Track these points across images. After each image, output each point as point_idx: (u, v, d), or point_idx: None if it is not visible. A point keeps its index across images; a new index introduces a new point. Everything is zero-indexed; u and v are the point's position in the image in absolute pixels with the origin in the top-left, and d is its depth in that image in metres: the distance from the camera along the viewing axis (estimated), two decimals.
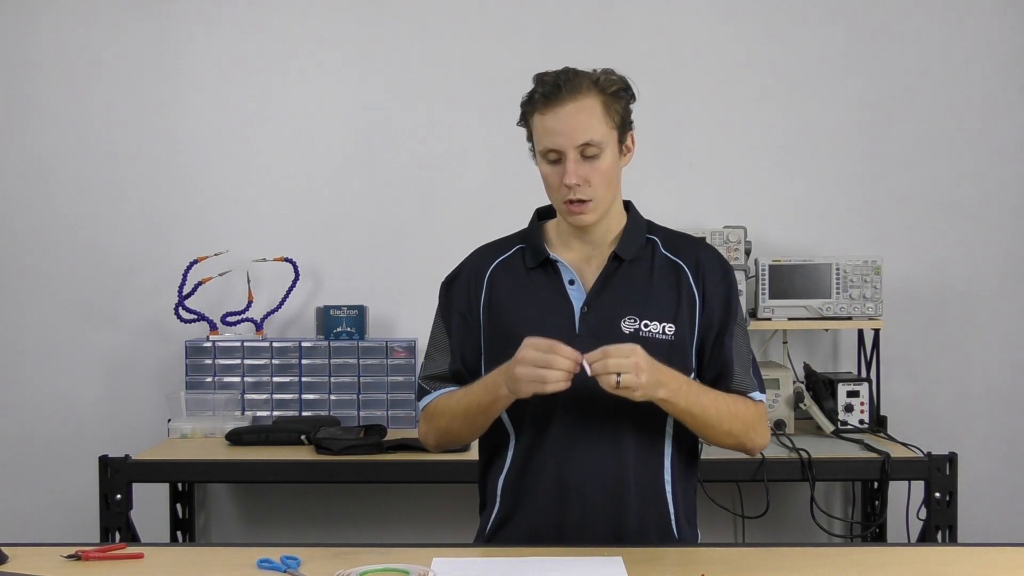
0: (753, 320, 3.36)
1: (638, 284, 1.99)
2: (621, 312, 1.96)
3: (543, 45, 3.57)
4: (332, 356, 3.44)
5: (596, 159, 1.91)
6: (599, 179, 1.93)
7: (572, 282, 1.99)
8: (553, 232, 2.06)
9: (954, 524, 2.95)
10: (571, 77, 1.91)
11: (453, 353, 2.04)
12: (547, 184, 1.96)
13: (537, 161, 1.97)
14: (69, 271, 3.64)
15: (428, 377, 2.07)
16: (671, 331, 1.96)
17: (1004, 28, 3.60)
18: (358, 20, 3.63)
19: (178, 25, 3.63)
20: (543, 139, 1.92)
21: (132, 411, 3.61)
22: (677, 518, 1.99)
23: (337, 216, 3.64)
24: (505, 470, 2.00)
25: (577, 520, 1.94)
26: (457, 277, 2.08)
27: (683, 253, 2.04)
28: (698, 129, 3.63)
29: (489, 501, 2.04)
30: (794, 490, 3.50)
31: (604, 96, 1.92)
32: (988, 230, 3.62)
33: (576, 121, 1.89)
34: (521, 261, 2.04)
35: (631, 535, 1.94)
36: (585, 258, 2.02)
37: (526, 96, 1.95)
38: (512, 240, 2.09)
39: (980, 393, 3.62)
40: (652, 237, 2.06)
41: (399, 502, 3.61)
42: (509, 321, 1.98)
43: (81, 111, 3.63)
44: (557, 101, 1.89)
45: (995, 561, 1.86)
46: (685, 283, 2.00)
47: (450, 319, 2.06)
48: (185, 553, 2.08)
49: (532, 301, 1.98)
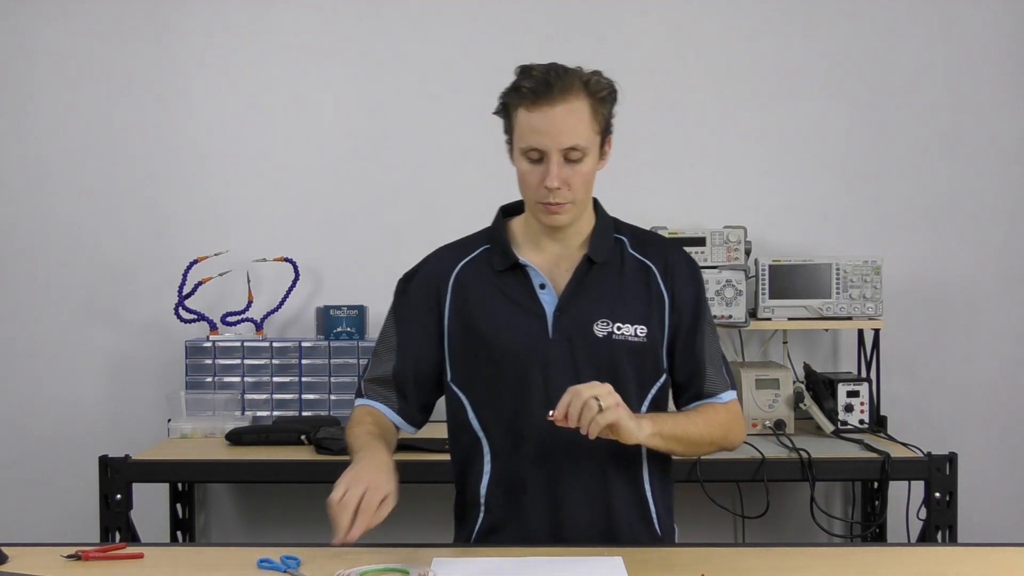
0: (753, 320, 3.36)
1: (609, 286, 1.97)
2: (594, 315, 1.94)
3: (543, 45, 3.54)
4: (332, 356, 3.44)
5: (579, 163, 1.88)
6: (580, 182, 1.90)
7: (543, 286, 1.96)
8: (520, 231, 2.02)
9: (954, 524, 2.95)
10: (562, 75, 1.86)
11: (401, 354, 2.00)
12: (524, 182, 1.92)
13: (514, 156, 1.93)
14: (69, 271, 3.64)
15: (369, 380, 2.03)
16: (643, 333, 1.95)
17: (1004, 28, 3.60)
18: (358, 20, 3.63)
19: (178, 25, 3.63)
20: (527, 137, 1.87)
21: (132, 411, 3.61)
22: (658, 515, 2.00)
23: (337, 216, 3.64)
24: (486, 477, 1.97)
25: (567, 524, 1.94)
26: (415, 276, 2.04)
27: (651, 253, 2.02)
28: (698, 129, 3.63)
29: (470, 508, 2.01)
30: (794, 490, 3.50)
31: (593, 99, 1.89)
32: (988, 230, 3.62)
33: (565, 123, 1.85)
34: (488, 263, 2.00)
35: (617, 535, 1.95)
36: (555, 260, 1.98)
37: (510, 87, 1.91)
38: (477, 240, 2.05)
39: (980, 393, 3.63)
40: (620, 236, 2.03)
41: (399, 502, 3.60)
42: (480, 326, 1.95)
43: (81, 111, 3.63)
44: (547, 100, 1.85)
45: (995, 561, 1.86)
46: (654, 284, 1.99)
47: (403, 319, 2.01)
48: (185, 553, 2.08)
49: (503, 305, 1.95)
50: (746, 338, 3.57)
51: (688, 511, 3.46)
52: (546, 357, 1.92)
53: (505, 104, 1.92)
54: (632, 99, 3.55)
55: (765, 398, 3.25)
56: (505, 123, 1.95)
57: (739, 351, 3.56)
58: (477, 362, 1.95)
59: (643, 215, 3.51)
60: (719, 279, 3.32)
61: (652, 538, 1.99)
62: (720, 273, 3.33)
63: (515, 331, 1.92)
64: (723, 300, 3.31)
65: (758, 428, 3.25)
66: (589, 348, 1.92)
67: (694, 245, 3.36)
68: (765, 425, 3.24)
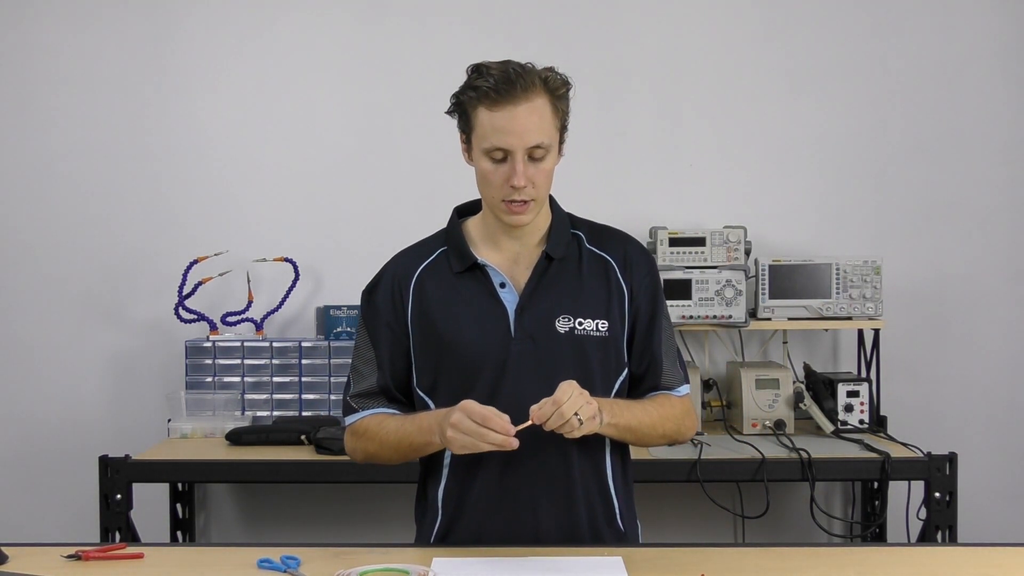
0: (753, 320, 3.37)
1: (569, 282, 1.96)
2: (555, 312, 1.93)
3: (543, 45, 3.57)
4: (332, 356, 3.44)
5: (542, 160, 1.88)
6: (543, 180, 1.90)
7: (503, 285, 1.95)
8: (476, 231, 2.01)
9: (954, 524, 2.95)
10: (522, 73, 1.85)
11: (381, 366, 1.98)
12: (486, 181, 1.91)
13: (474, 156, 1.92)
14: (69, 271, 3.64)
15: (355, 395, 2.00)
16: (604, 327, 1.95)
17: (1004, 28, 3.60)
18: (358, 20, 3.63)
19: (178, 25, 3.62)
20: (490, 137, 1.86)
21: (132, 411, 3.61)
22: (621, 513, 1.99)
23: (337, 216, 3.64)
24: (443, 482, 1.96)
25: (527, 523, 1.92)
26: (378, 285, 2.03)
27: (608, 247, 2.01)
28: (698, 130, 3.63)
29: (430, 511, 1.99)
30: (794, 490, 3.50)
31: (552, 96, 1.88)
32: (988, 230, 3.62)
33: (529, 122, 1.85)
34: (447, 265, 1.99)
35: (582, 534, 1.94)
36: (513, 258, 1.98)
37: (466, 86, 1.90)
38: (433, 243, 2.04)
39: (980, 393, 3.62)
40: (576, 232, 2.02)
41: (399, 502, 3.60)
42: (442, 329, 1.93)
43: (81, 111, 3.63)
44: (510, 98, 1.84)
45: (995, 561, 1.86)
46: (613, 277, 1.98)
47: (376, 330, 1.99)
48: (185, 553, 2.08)
49: (464, 307, 1.93)
50: (746, 338, 3.57)
51: (688, 511, 3.49)
52: (510, 356, 1.90)
53: (461, 103, 1.91)
54: (632, 99, 3.62)
55: (765, 398, 3.25)
56: (460, 122, 1.94)
57: (739, 351, 3.56)
58: (441, 366, 1.94)
59: (643, 215, 3.57)
60: (719, 279, 3.32)
61: (616, 536, 1.98)
62: (720, 273, 3.33)
63: (477, 332, 1.91)
64: (723, 300, 3.31)
65: (758, 428, 3.25)
66: (552, 345, 1.91)
67: (694, 245, 3.36)
68: (765, 425, 3.24)
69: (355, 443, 2.00)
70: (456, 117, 1.94)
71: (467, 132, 1.93)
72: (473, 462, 1.91)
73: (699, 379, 3.33)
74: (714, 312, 3.31)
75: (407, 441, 1.90)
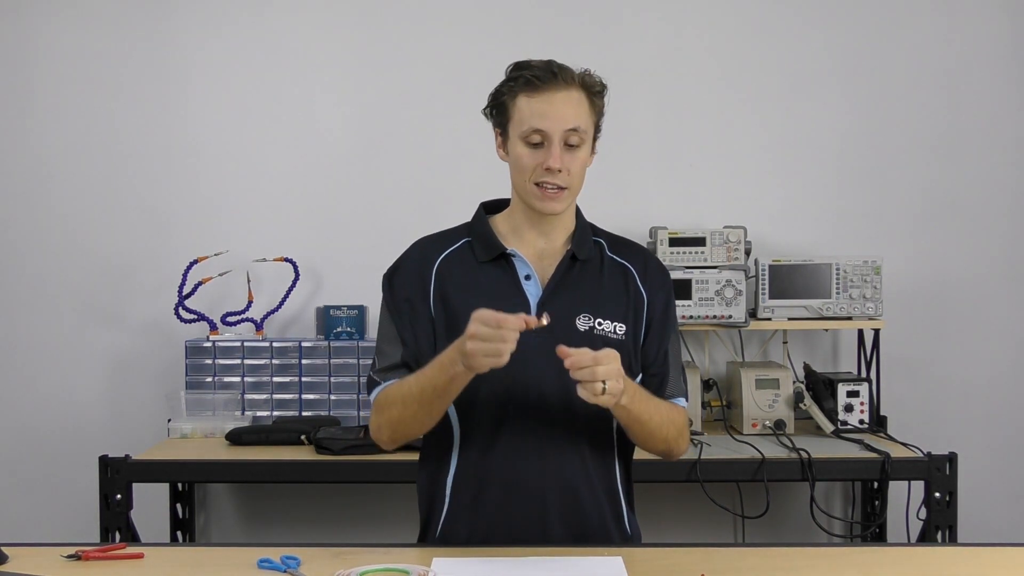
0: (753, 320, 3.36)
1: (591, 284, 1.99)
2: (576, 310, 1.96)
3: (543, 45, 3.52)
4: (332, 356, 3.44)
5: (577, 148, 1.92)
6: (578, 169, 1.94)
7: (528, 277, 1.97)
8: (503, 225, 2.03)
9: (954, 524, 2.95)
10: (563, 68, 1.93)
11: (405, 342, 1.98)
12: (520, 166, 1.92)
13: (509, 144, 1.94)
14: (69, 271, 3.64)
15: (381, 370, 2.00)
16: (622, 331, 1.97)
17: (1004, 28, 3.60)
18: (358, 20, 3.63)
19: (178, 25, 3.62)
20: (530, 120, 1.90)
21: (132, 411, 3.61)
22: (628, 513, 2.01)
23: (337, 216, 3.64)
24: (453, 471, 1.97)
25: (535, 521, 1.93)
26: (399, 268, 2.04)
27: (629, 256, 2.05)
28: (698, 129, 3.63)
29: (437, 501, 1.99)
30: (794, 490, 3.50)
31: (588, 93, 1.94)
32: (988, 230, 3.62)
33: (566, 107, 1.90)
34: (471, 254, 2.00)
35: (591, 534, 1.95)
36: (539, 253, 2.00)
37: (507, 79, 1.94)
38: (457, 233, 2.06)
39: (980, 393, 3.62)
40: (597, 239, 2.06)
41: (399, 502, 3.61)
42: (464, 316, 1.90)
43: (81, 111, 3.63)
44: (550, 86, 1.90)
45: (995, 561, 1.86)
46: (633, 285, 2.02)
47: (398, 308, 2.00)
48: (185, 553, 2.09)
49: (486, 295, 1.93)
50: (746, 338, 3.57)
51: (688, 511, 3.49)
52: (527, 347, 1.89)
53: (500, 95, 1.94)
54: (632, 99, 3.61)
55: (765, 398, 3.25)
56: (497, 117, 1.96)
57: (739, 351, 3.56)
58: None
59: (643, 215, 3.57)
60: (719, 279, 3.32)
61: (623, 536, 1.99)
62: (720, 273, 3.33)
63: None
64: (723, 300, 3.31)
65: (758, 428, 3.25)
66: (570, 342, 1.89)
67: (694, 245, 3.36)
68: (765, 425, 3.24)
69: (379, 418, 1.98)
70: (491, 115, 1.98)
71: (503, 124, 1.96)
72: (490, 449, 1.92)
73: (699, 379, 3.33)
74: (714, 312, 3.31)
75: (430, 385, 1.86)
